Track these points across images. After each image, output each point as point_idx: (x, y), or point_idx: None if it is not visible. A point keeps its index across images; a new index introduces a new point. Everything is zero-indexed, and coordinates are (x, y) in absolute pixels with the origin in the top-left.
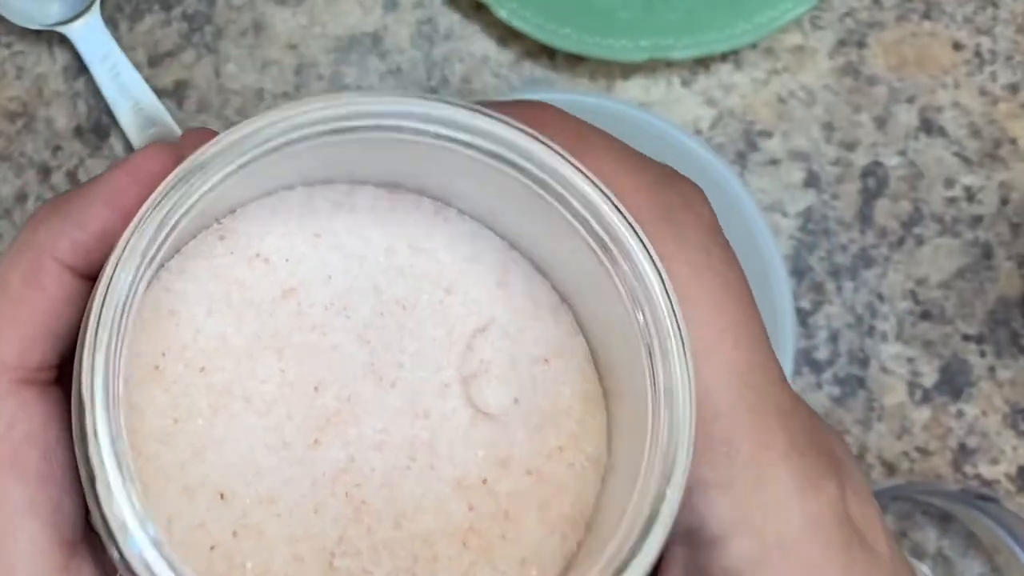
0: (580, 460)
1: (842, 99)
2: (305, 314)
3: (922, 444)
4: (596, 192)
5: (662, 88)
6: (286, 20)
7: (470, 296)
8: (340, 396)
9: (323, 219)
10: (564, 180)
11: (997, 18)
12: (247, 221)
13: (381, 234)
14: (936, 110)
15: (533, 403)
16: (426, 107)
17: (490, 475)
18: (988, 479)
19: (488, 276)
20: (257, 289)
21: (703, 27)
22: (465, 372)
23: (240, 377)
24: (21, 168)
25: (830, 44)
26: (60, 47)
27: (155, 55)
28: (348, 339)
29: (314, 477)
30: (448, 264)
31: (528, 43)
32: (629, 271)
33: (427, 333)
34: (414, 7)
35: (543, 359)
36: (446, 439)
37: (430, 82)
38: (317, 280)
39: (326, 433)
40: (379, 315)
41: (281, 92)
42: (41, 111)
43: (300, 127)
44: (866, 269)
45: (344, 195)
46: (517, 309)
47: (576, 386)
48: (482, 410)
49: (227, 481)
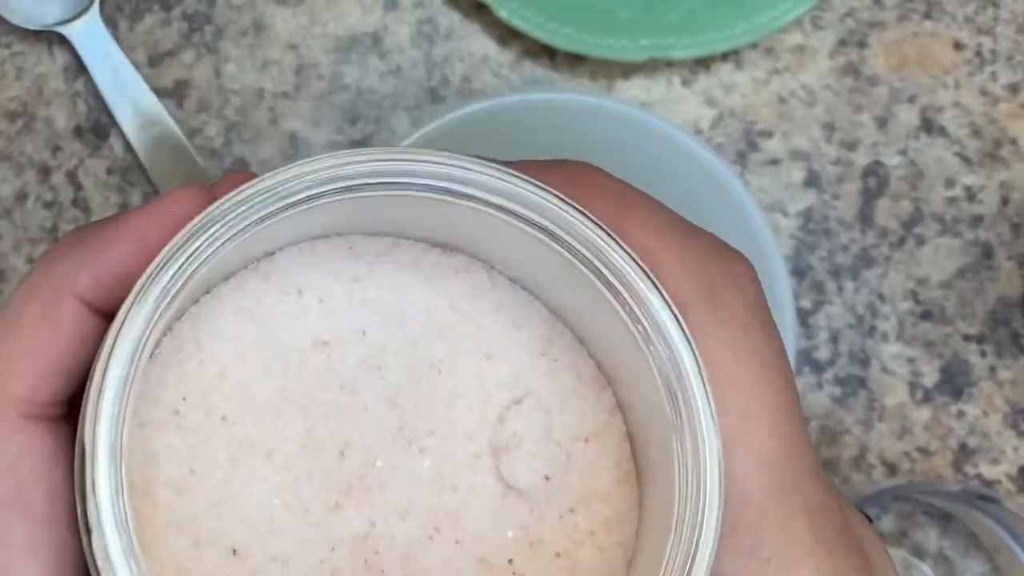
0: (610, 544)
1: (843, 99)
2: (335, 370)
3: (923, 444)
4: (633, 268)
5: (662, 88)
6: (286, 20)
7: (510, 364)
8: (366, 460)
9: (363, 267)
10: (600, 254)
11: (998, 18)
12: (285, 264)
13: (423, 291)
14: (937, 110)
15: (567, 482)
16: (464, 170)
17: (517, 555)
18: (989, 479)
19: (531, 345)
20: (288, 337)
21: (703, 27)
22: (496, 444)
23: (263, 431)
24: (21, 168)
25: (831, 44)
26: (60, 47)
27: (155, 55)
28: (378, 400)
29: (332, 541)
30: (490, 328)
31: (528, 43)
32: (664, 354)
33: (462, 400)
34: (414, 7)
35: (582, 437)
36: (473, 513)
37: (430, 82)
38: (351, 333)
39: (348, 498)
40: (413, 377)
41: (281, 92)
42: (41, 111)
43: (328, 181)
44: (867, 269)
45: (388, 246)
46: (557, 382)
47: (612, 468)
48: (511, 485)
49: (241, 537)
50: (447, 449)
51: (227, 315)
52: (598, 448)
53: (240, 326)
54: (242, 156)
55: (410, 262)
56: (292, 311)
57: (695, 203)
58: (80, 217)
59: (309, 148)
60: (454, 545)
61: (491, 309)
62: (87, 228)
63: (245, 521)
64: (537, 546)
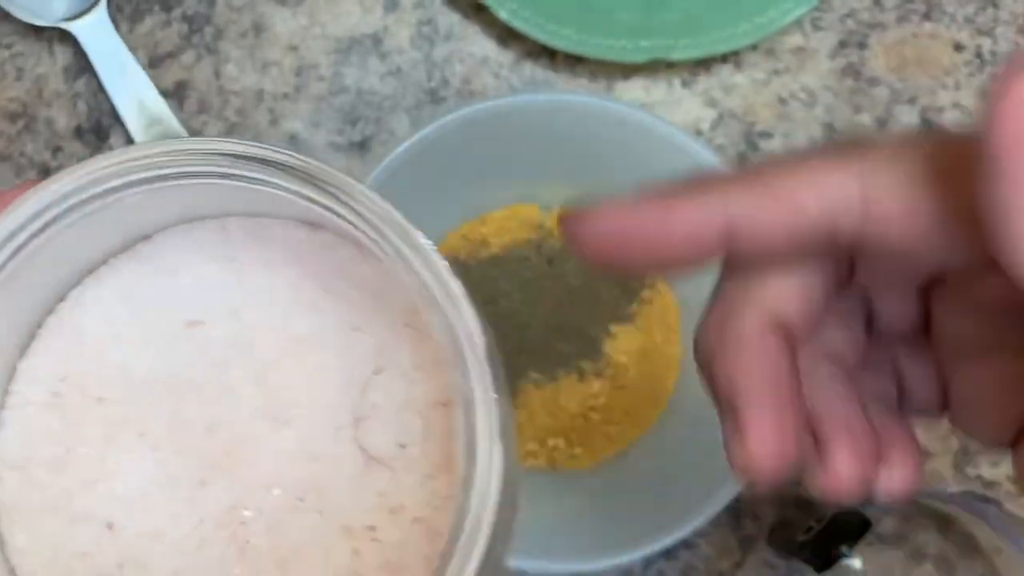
0: None
1: (843, 100)
2: (207, 348)
3: (923, 446)
4: (392, 223)
5: (663, 89)
6: (286, 21)
7: (374, 336)
8: (233, 435)
9: (235, 247)
10: (352, 202)
11: (998, 19)
12: (162, 246)
13: (292, 268)
14: (937, 111)
15: (425, 449)
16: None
17: (379, 522)
18: (989, 481)
19: (395, 317)
20: (163, 317)
21: (703, 28)
22: (357, 415)
23: (137, 410)
24: (21, 168)
25: (831, 45)
26: (61, 47)
27: (155, 56)
28: (247, 376)
29: (201, 515)
30: (356, 303)
31: (528, 44)
32: (440, 321)
33: (329, 373)
34: (414, 8)
35: (441, 403)
36: (336, 483)
37: (430, 83)
38: (223, 312)
39: (216, 472)
40: (282, 353)
41: (281, 93)
42: (41, 112)
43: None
44: None
45: (259, 226)
46: (420, 352)
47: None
48: (371, 454)
49: (114, 513)
50: (311, 422)
51: (106, 298)
52: (457, 414)
53: (118, 308)
54: None
55: (280, 240)
56: (167, 291)
57: None
58: None
59: (309, 149)
60: (318, 515)
61: (357, 283)
62: None
63: (118, 498)
64: (398, 512)
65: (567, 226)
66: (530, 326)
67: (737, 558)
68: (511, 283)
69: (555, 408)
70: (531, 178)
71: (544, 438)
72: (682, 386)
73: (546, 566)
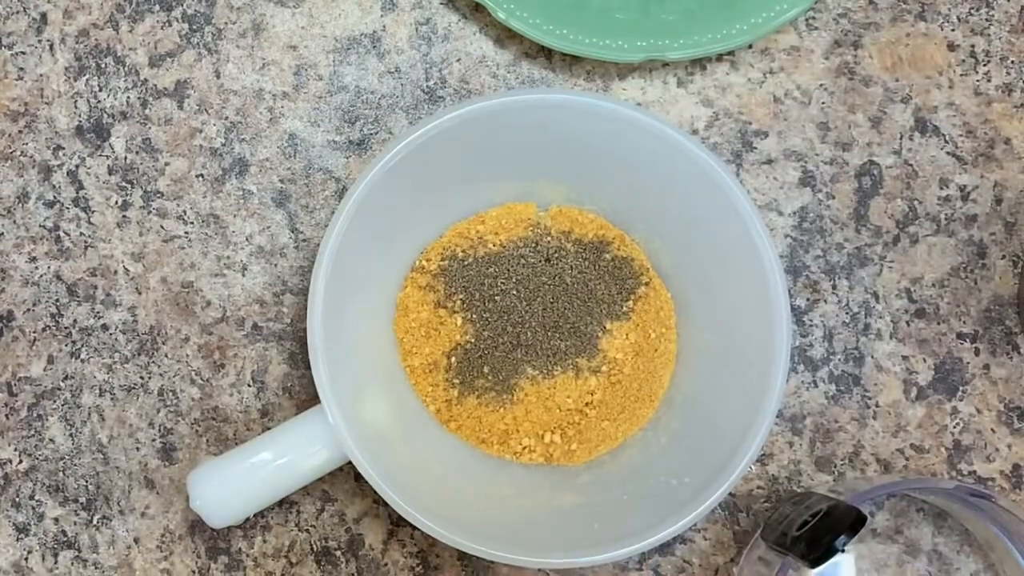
0: None
1: (837, 99)
2: None
3: (917, 442)
4: None
5: (658, 88)
6: (286, 21)
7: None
8: None
9: None
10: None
11: (991, 19)
12: None
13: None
14: (931, 110)
15: None
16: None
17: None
18: (983, 476)
19: None
20: None
21: (699, 28)
22: None
23: None
24: (22, 168)
25: (825, 44)
26: (61, 47)
27: (155, 55)
28: None
29: None
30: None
31: (526, 43)
32: None
33: None
34: (412, 8)
35: None
36: None
37: (428, 82)
38: None
39: None
40: None
41: (281, 92)
42: (42, 111)
43: None
44: (861, 268)
45: None
46: None
47: None
48: None
49: None
50: None
51: None
52: None
53: None
54: (242, 156)
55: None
56: None
57: (690, 203)
58: (81, 216)
59: (308, 148)
60: None
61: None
62: None
63: None
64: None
65: None
66: (527, 323)
67: (732, 553)
68: (508, 280)
69: (551, 404)
70: (528, 176)
71: (540, 434)
72: (677, 382)
73: (542, 561)
